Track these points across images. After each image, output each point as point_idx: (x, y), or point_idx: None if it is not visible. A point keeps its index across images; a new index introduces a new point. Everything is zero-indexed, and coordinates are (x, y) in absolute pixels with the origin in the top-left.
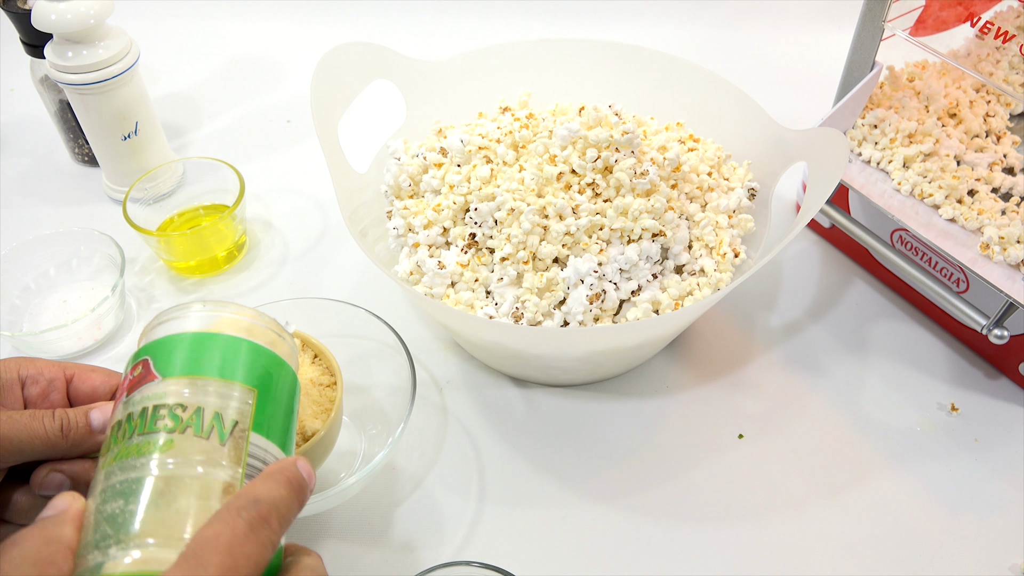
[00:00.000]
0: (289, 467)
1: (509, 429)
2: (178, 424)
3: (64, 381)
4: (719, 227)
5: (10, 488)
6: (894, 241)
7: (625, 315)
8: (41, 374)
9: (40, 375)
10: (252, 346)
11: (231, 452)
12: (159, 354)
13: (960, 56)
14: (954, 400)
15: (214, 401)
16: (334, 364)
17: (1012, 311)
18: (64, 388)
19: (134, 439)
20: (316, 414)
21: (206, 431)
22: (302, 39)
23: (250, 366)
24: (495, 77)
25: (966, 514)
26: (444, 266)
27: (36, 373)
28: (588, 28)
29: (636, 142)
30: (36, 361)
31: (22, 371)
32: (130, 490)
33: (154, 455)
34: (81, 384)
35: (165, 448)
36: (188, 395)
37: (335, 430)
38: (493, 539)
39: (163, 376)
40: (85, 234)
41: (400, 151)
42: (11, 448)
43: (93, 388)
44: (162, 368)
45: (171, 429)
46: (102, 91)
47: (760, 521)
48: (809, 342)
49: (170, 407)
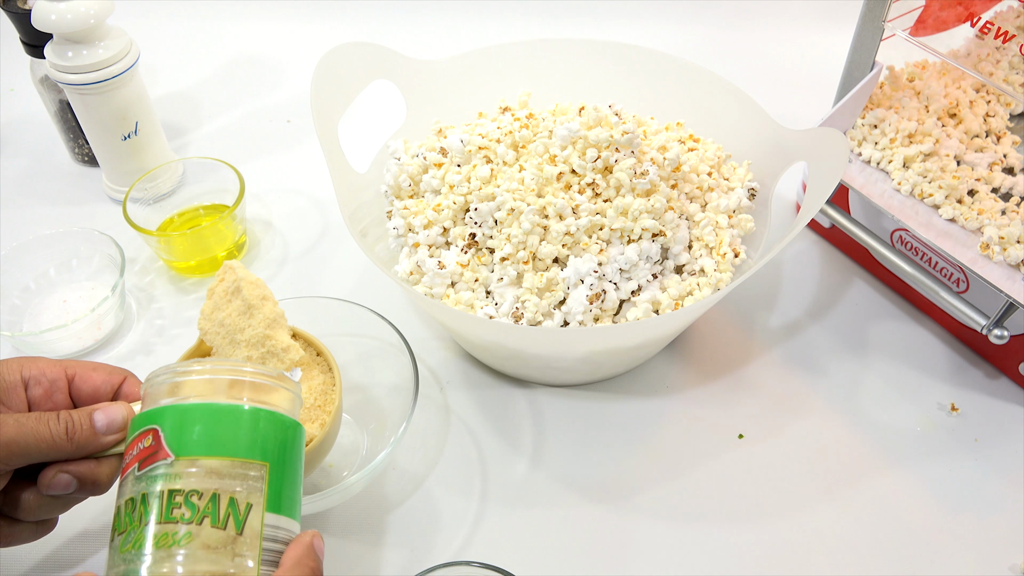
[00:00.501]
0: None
1: (510, 429)
2: (195, 514)
3: (66, 381)
4: (719, 227)
5: (18, 487)
6: (894, 241)
7: (625, 315)
8: (43, 375)
9: (43, 376)
10: (263, 415)
11: (248, 540)
12: (169, 427)
13: (960, 56)
14: (954, 400)
15: (228, 484)
16: (334, 365)
17: (1012, 311)
18: (67, 388)
19: (151, 526)
20: (314, 418)
21: (222, 520)
22: (302, 39)
23: (262, 439)
24: (495, 77)
25: (966, 514)
26: (444, 266)
27: (39, 374)
28: (588, 28)
29: (636, 142)
30: (38, 361)
31: (24, 372)
32: None
33: (173, 549)
34: (83, 384)
35: (184, 543)
36: (203, 481)
37: (333, 434)
38: (493, 539)
39: (176, 455)
40: (85, 234)
41: (400, 151)
42: (18, 452)
43: (95, 388)
44: (174, 445)
45: (188, 520)
46: (102, 91)
47: (760, 521)
48: (809, 342)
49: (185, 494)
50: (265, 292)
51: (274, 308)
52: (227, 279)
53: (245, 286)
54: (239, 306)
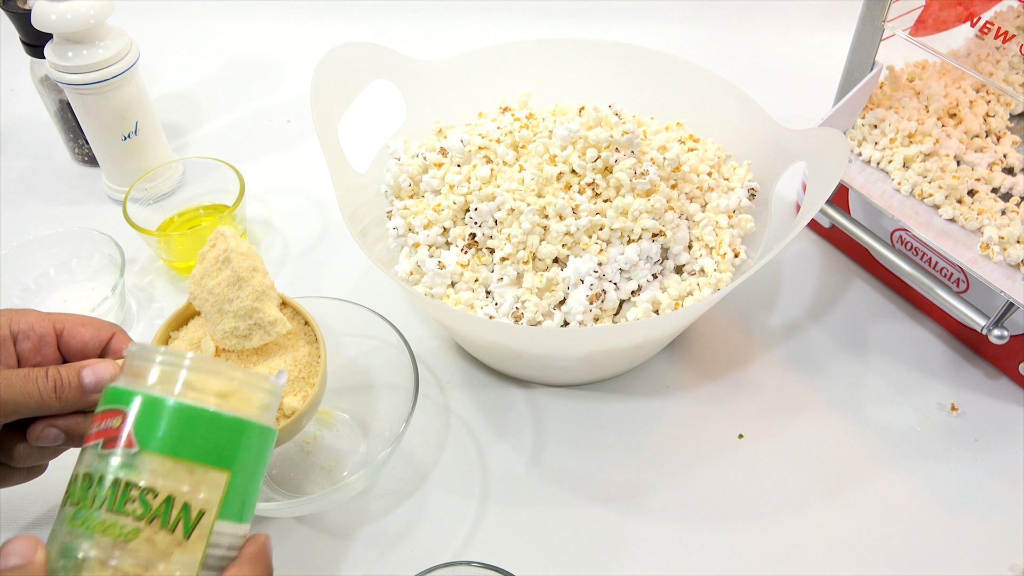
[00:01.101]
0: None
1: (510, 429)
2: (146, 512)
3: (55, 335)
4: (719, 227)
5: (9, 437)
6: (894, 241)
7: (625, 315)
8: (32, 329)
9: (31, 330)
10: (236, 425)
11: (193, 544)
12: (140, 416)
13: (960, 56)
14: (954, 400)
15: (185, 490)
16: (320, 336)
17: (1012, 311)
18: (55, 342)
19: (102, 513)
20: (296, 390)
21: (171, 524)
22: (302, 39)
23: (230, 446)
24: (495, 77)
25: (966, 514)
26: (444, 266)
27: (28, 328)
28: (588, 28)
29: (636, 142)
30: (27, 314)
31: (14, 326)
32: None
33: (119, 540)
34: (72, 339)
35: (130, 537)
36: (161, 481)
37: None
38: (493, 539)
39: (140, 447)
40: (85, 234)
41: (400, 151)
42: (7, 410)
43: (83, 343)
44: (141, 436)
45: (139, 516)
46: (102, 91)
47: (760, 521)
48: (809, 342)
49: (141, 490)
50: (256, 263)
51: (263, 280)
52: (218, 246)
53: (235, 257)
54: (229, 276)
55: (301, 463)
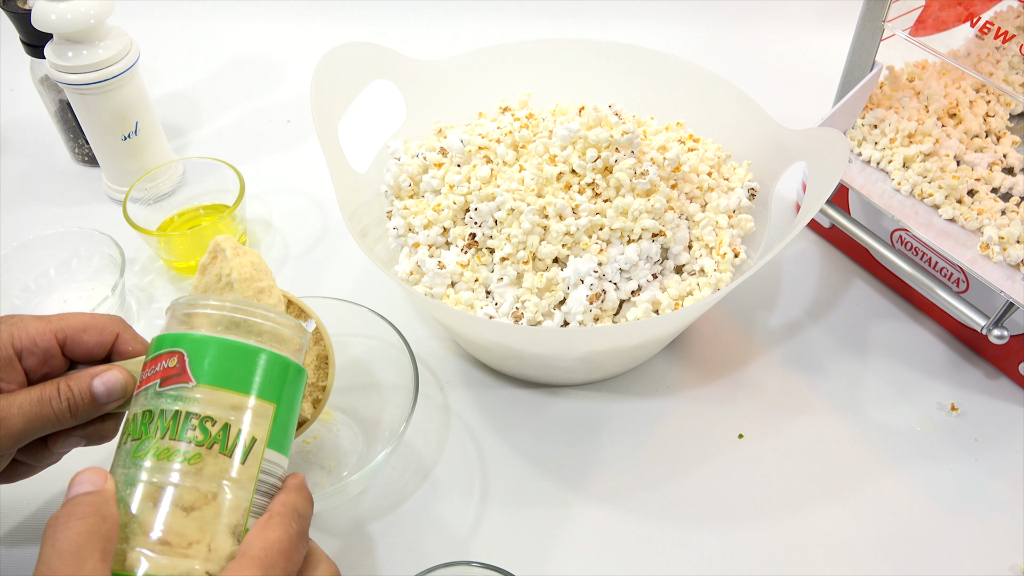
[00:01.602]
0: (304, 483)
1: (510, 429)
2: (207, 438)
3: (58, 347)
4: (719, 227)
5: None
6: (894, 241)
7: (625, 315)
8: (35, 344)
9: (35, 346)
10: (277, 360)
11: (248, 470)
12: (195, 353)
13: (960, 56)
14: (954, 400)
15: (239, 417)
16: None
17: (1012, 311)
18: (59, 353)
19: (165, 441)
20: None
21: (229, 448)
22: (302, 39)
23: (275, 381)
24: (495, 77)
25: (966, 514)
26: (444, 266)
27: (30, 344)
28: (588, 28)
29: (636, 142)
30: (27, 327)
31: (16, 343)
32: (156, 493)
33: (182, 465)
34: (75, 347)
35: (193, 461)
36: (218, 409)
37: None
38: (493, 539)
39: (197, 382)
40: (85, 234)
41: (400, 151)
42: (27, 436)
43: (88, 351)
44: (197, 372)
45: (200, 442)
46: (102, 91)
47: (760, 521)
48: (809, 342)
49: (200, 418)
50: (261, 280)
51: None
52: (218, 262)
53: (238, 284)
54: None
55: (301, 463)
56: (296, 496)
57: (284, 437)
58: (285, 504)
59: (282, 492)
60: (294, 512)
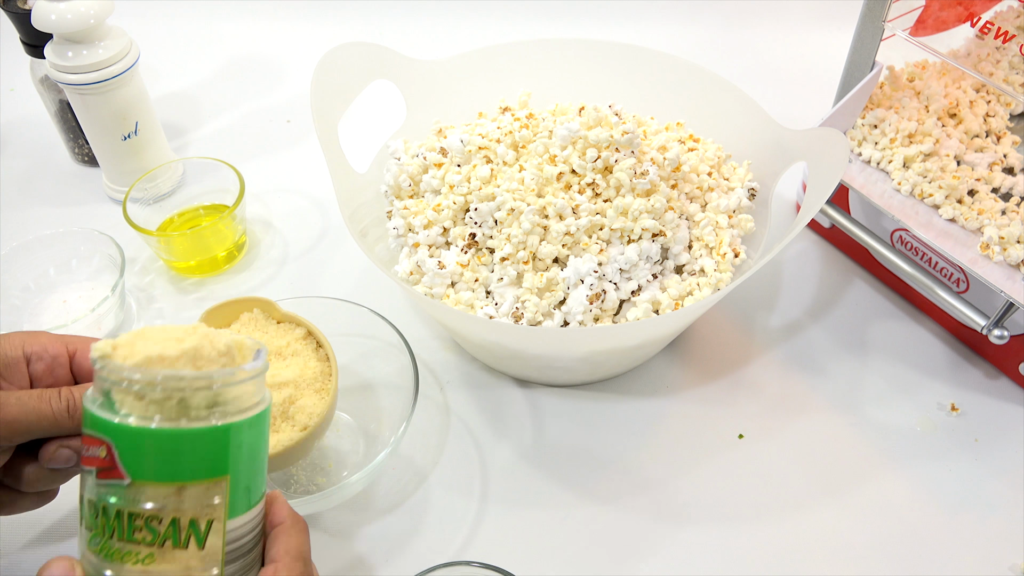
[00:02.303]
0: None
1: (510, 429)
2: (156, 537)
3: (67, 356)
4: (719, 227)
5: (20, 460)
6: (894, 241)
7: (625, 315)
8: (46, 350)
9: (44, 351)
10: (222, 432)
11: (210, 551)
12: (125, 447)
13: (960, 56)
14: (954, 400)
15: (188, 506)
16: (331, 353)
17: (1012, 311)
18: (68, 363)
19: (115, 542)
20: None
21: (184, 541)
22: (302, 39)
23: (221, 454)
24: (495, 77)
25: (966, 514)
26: (444, 266)
27: (40, 350)
28: (588, 28)
29: (636, 142)
30: (39, 336)
31: (27, 348)
32: None
33: (138, 566)
34: (84, 359)
35: (148, 561)
36: (161, 503)
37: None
38: (493, 539)
39: (132, 479)
40: (85, 234)
41: (400, 151)
42: (21, 429)
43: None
44: (129, 468)
45: (150, 543)
46: (102, 91)
47: (760, 521)
48: (809, 342)
49: (145, 518)
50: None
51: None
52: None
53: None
54: None
55: (301, 463)
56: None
57: (248, 493)
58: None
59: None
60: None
